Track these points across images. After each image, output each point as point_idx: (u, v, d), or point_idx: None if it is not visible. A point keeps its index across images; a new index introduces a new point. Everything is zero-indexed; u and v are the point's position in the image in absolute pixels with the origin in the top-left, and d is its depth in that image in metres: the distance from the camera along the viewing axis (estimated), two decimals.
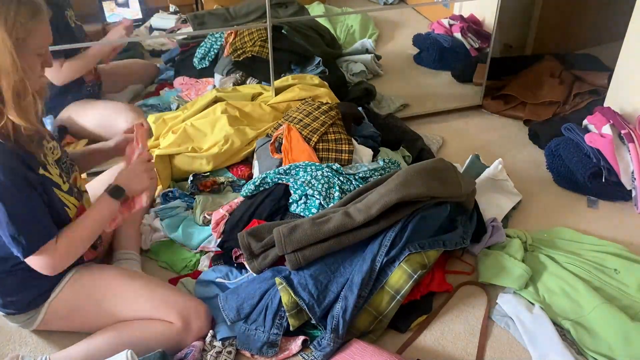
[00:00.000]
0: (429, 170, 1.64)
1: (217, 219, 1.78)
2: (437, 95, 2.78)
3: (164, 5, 3.42)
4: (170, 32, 3.18)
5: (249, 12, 2.80)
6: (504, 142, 2.42)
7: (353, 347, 1.41)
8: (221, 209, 1.82)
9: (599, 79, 2.57)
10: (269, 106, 2.22)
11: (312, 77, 2.40)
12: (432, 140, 2.37)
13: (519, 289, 1.61)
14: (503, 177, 2.00)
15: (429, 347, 1.50)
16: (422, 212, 1.57)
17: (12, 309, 1.42)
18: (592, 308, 1.51)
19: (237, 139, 2.04)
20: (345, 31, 3.29)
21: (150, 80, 2.76)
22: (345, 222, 1.50)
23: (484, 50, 2.92)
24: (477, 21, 3.12)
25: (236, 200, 1.84)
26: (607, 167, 2.00)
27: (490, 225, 1.78)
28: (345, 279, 1.49)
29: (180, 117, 2.17)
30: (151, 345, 1.38)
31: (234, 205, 1.82)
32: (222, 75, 2.58)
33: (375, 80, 2.88)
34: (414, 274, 1.48)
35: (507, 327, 1.54)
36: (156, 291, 1.46)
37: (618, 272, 1.65)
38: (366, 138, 2.07)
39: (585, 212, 2.01)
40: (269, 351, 1.44)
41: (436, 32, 3.13)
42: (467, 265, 1.74)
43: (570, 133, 2.16)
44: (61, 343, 1.51)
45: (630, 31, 2.17)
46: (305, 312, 1.45)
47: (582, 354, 1.44)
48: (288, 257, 1.50)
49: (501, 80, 2.74)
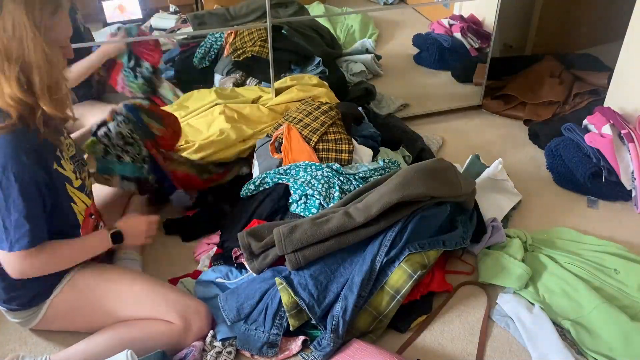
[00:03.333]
0: (429, 170, 1.64)
1: (201, 251, 1.80)
2: (437, 95, 2.77)
3: (164, 5, 3.42)
4: (170, 32, 3.18)
5: (249, 12, 2.80)
6: (504, 142, 2.42)
7: (353, 347, 1.41)
8: (205, 242, 1.83)
9: (599, 79, 2.57)
10: (267, 108, 2.22)
11: (311, 77, 2.40)
12: (432, 140, 2.37)
13: (519, 289, 1.61)
14: (503, 177, 2.00)
15: (429, 347, 1.50)
16: (422, 212, 1.57)
17: (14, 305, 1.42)
18: (592, 308, 1.51)
19: (232, 133, 2.04)
20: (345, 31, 3.29)
21: None
22: (345, 222, 1.50)
23: (484, 50, 2.92)
24: (477, 21, 3.12)
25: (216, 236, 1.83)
26: (607, 167, 2.00)
27: (490, 225, 1.78)
28: (345, 279, 1.49)
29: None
30: (151, 346, 1.38)
31: (214, 239, 1.82)
32: (222, 75, 2.58)
33: (375, 80, 2.88)
34: (414, 274, 1.48)
35: (507, 327, 1.54)
36: (157, 291, 1.46)
37: (618, 272, 1.65)
38: (366, 138, 2.07)
39: (585, 212, 2.01)
40: (269, 351, 1.44)
41: (436, 32, 3.13)
42: (467, 265, 1.74)
43: (570, 133, 2.16)
44: (61, 343, 1.51)
45: (630, 31, 2.17)
46: (305, 312, 1.45)
47: (582, 354, 1.44)
48: (288, 257, 1.50)
49: (501, 80, 2.74)
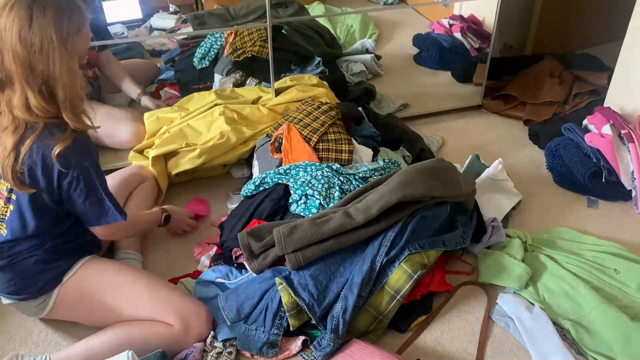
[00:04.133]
0: (429, 170, 1.63)
1: (200, 251, 1.82)
2: (437, 95, 2.77)
3: (164, 5, 3.43)
4: (170, 32, 3.18)
5: (249, 12, 2.80)
6: (504, 142, 2.42)
7: (353, 347, 1.41)
8: (205, 242, 1.87)
9: (599, 79, 2.57)
10: (266, 109, 2.22)
11: (310, 77, 2.40)
12: (432, 140, 2.37)
13: (519, 289, 1.61)
14: (503, 177, 2.00)
15: (429, 347, 1.50)
16: (422, 212, 1.57)
17: (25, 294, 1.43)
18: (592, 308, 1.51)
19: (232, 136, 2.04)
20: (345, 31, 3.28)
21: (150, 80, 2.76)
22: (345, 222, 1.50)
23: (484, 50, 2.92)
24: (477, 21, 3.12)
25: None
26: (607, 167, 2.00)
27: (490, 225, 1.78)
28: (345, 279, 1.49)
29: (177, 121, 2.16)
30: (151, 347, 1.38)
31: (214, 239, 1.85)
32: (222, 75, 2.58)
33: (375, 80, 2.88)
34: (414, 274, 1.48)
35: (507, 327, 1.54)
36: (158, 292, 1.47)
37: (618, 272, 1.65)
38: (366, 138, 2.07)
39: (585, 212, 2.01)
40: (269, 351, 1.44)
41: (436, 32, 3.13)
42: (467, 265, 1.74)
43: (570, 133, 2.16)
44: (61, 343, 1.51)
45: (630, 31, 2.17)
46: (305, 313, 1.45)
47: (582, 354, 1.44)
48: (288, 257, 1.49)
49: (501, 80, 2.74)
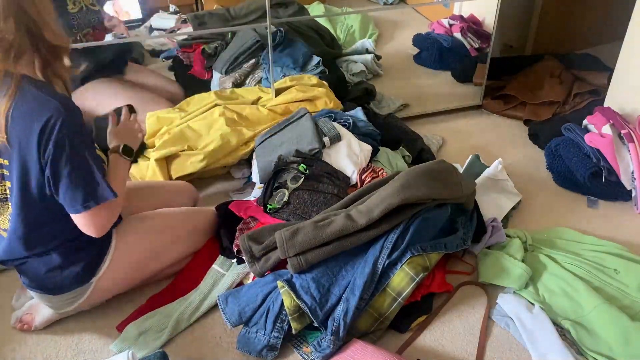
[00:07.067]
0: (430, 172, 1.64)
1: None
2: (437, 95, 2.77)
3: (164, 5, 3.43)
4: (170, 32, 3.18)
5: (249, 12, 2.80)
6: (504, 142, 2.42)
7: (353, 347, 1.41)
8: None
9: (599, 79, 2.57)
10: (266, 109, 2.22)
11: (310, 77, 2.40)
12: (432, 140, 2.37)
13: (519, 289, 1.61)
14: (503, 177, 2.00)
15: (429, 347, 1.50)
16: (424, 214, 1.57)
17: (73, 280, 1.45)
18: (592, 308, 1.51)
19: (233, 138, 2.04)
20: (345, 31, 3.29)
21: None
22: (347, 225, 1.50)
23: (484, 50, 2.92)
24: (477, 21, 3.12)
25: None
26: (607, 167, 2.00)
27: (490, 225, 1.78)
28: (347, 282, 1.49)
29: (177, 122, 2.16)
30: None
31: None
32: (222, 74, 2.58)
33: (375, 80, 2.88)
34: (416, 276, 1.48)
35: (507, 327, 1.54)
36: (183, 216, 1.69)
37: (618, 272, 1.65)
38: (365, 136, 2.07)
39: (585, 212, 2.01)
40: (269, 354, 1.44)
41: (436, 32, 3.13)
42: (467, 266, 1.74)
43: (570, 133, 2.16)
44: (61, 343, 1.51)
45: (630, 31, 2.17)
46: (307, 316, 1.45)
47: (582, 354, 1.45)
48: (290, 260, 1.49)
49: (501, 80, 2.74)
